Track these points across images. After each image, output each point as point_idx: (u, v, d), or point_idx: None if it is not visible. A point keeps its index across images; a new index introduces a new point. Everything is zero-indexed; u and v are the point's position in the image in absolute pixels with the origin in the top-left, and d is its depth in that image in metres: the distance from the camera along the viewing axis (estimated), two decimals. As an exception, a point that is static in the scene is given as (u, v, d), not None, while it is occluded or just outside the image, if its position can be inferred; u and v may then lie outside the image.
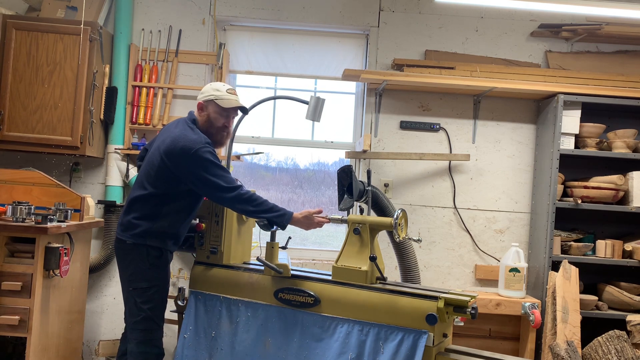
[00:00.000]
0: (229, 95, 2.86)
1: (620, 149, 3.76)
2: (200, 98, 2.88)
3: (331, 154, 4.47)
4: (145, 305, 2.77)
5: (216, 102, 2.84)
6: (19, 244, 3.00)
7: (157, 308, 2.81)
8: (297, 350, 2.69)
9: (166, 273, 2.87)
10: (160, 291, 2.82)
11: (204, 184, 2.69)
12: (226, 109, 2.86)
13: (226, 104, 2.85)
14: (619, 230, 3.98)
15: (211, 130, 2.85)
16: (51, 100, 3.66)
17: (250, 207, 2.70)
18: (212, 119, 2.85)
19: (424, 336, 2.45)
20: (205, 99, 2.85)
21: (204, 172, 2.67)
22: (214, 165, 2.68)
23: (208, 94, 2.85)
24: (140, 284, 2.77)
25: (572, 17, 3.99)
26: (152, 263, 2.77)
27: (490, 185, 4.06)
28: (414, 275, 3.71)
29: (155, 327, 2.81)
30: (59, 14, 3.88)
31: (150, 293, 2.77)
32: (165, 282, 2.87)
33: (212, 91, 2.86)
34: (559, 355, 3.33)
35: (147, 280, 2.77)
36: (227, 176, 2.71)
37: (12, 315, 2.92)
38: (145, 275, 2.77)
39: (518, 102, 4.07)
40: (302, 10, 4.08)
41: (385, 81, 3.79)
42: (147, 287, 2.77)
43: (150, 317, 2.78)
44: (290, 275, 2.80)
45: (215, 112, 2.85)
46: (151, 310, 2.77)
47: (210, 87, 2.89)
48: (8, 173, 3.32)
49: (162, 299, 2.84)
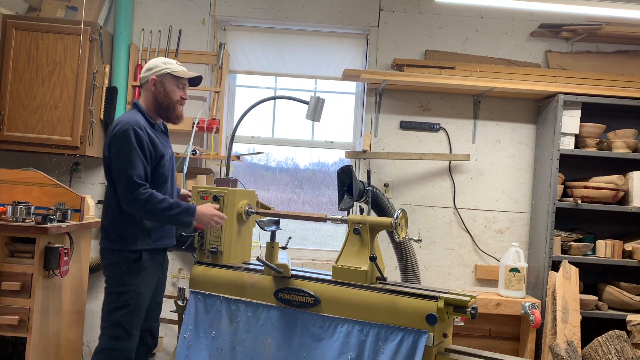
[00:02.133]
0: (180, 67, 2.77)
1: (620, 149, 3.76)
2: (152, 74, 2.72)
3: (331, 154, 4.48)
4: (119, 311, 2.63)
5: (173, 74, 2.73)
6: (19, 244, 3.00)
7: (131, 315, 2.65)
8: (297, 350, 2.69)
9: (147, 277, 2.71)
10: (137, 297, 2.66)
11: (119, 170, 2.56)
12: (182, 80, 2.76)
13: (183, 74, 2.75)
14: (619, 230, 3.98)
15: (168, 106, 2.74)
16: (51, 100, 3.66)
17: (148, 205, 2.53)
18: (169, 92, 2.73)
19: (424, 336, 2.45)
20: (159, 73, 2.72)
21: (120, 154, 2.55)
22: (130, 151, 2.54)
23: (160, 68, 2.72)
24: (116, 288, 2.65)
25: (572, 17, 3.99)
26: (129, 267, 2.64)
27: (490, 185, 4.06)
28: (414, 275, 3.71)
29: (124, 335, 2.64)
30: (59, 14, 3.88)
31: (123, 299, 2.63)
32: (145, 287, 2.71)
33: (163, 65, 2.73)
34: (559, 355, 3.33)
35: (124, 284, 2.64)
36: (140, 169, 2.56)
37: (12, 315, 2.92)
38: (121, 280, 2.64)
39: (518, 102, 4.07)
40: (302, 10, 4.08)
41: (385, 81, 3.79)
42: (123, 291, 2.64)
43: (121, 324, 2.62)
44: (290, 275, 2.80)
45: (172, 84, 2.73)
46: (124, 317, 2.63)
47: (157, 62, 2.75)
48: (8, 173, 3.32)
49: (137, 305, 2.67)
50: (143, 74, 2.75)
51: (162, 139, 2.78)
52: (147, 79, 2.73)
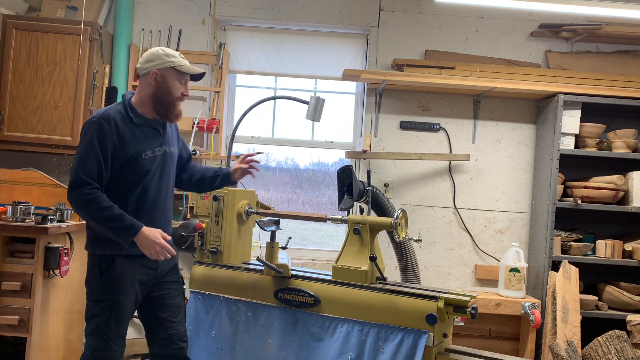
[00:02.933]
0: (184, 60, 2.52)
1: (620, 149, 3.76)
2: (152, 66, 2.46)
3: (331, 154, 4.48)
4: (93, 320, 2.44)
5: (176, 68, 2.48)
6: (19, 244, 3.00)
7: (105, 325, 2.42)
8: (297, 350, 2.69)
9: (125, 286, 2.45)
10: (111, 307, 2.42)
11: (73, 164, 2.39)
12: (185, 75, 2.52)
13: (187, 69, 2.51)
14: (619, 230, 3.98)
15: (168, 102, 2.49)
16: (51, 100, 3.66)
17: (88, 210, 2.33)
18: (170, 87, 2.48)
19: (424, 336, 2.45)
20: (161, 67, 2.46)
21: (79, 149, 2.38)
22: (88, 145, 2.35)
23: (163, 61, 2.46)
24: (90, 295, 2.46)
25: (572, 17, 3.99)
26: (101, 273, 2.43)
27: (490, 185, 4.06)
28: (414, 275, 3.70)
29: (101, 346, 2.43)
30: (59, 14, 3.88)
31: (98, 308, 2.43)
32: (122, 295, 2.44)
33: (166, 57, 2.47)
34: (559, 355, 3.33)
35: (95, 292, 2.44)
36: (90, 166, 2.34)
37: (12, 315, 2.92)
38: (93, 287, 2.45)
39: (518, 102, 4.07)
40: (302, 10, 4.08)
41: (385, 81, 3.79)
42: (95, 300, 2.44)
43: (97, 334, 2.43)
44: (290, 275, 2.80)
45: (174, 79, 2.48)
46: (98, 327, 2.42)
47: (160, 53, 2.48)
48: (8, 173, 3.32)
49: (113, 315, 2.43)
50: (142, 65, 2.50)
51: (144, 136, 2.48)
52: (147, 71, 2.47)
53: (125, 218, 2.35)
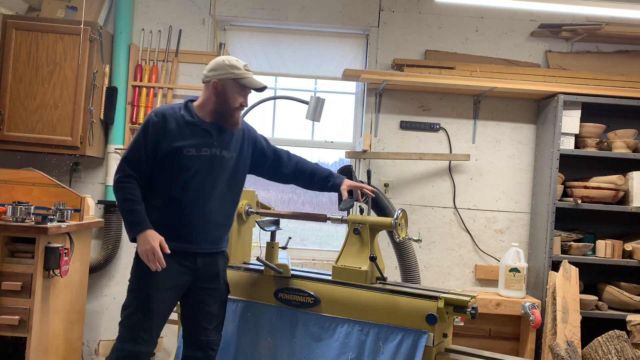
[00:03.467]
0: (248, 73, 2.56)
1: (620, 149, 3.76)
2: (215, 75, 2.53)
3: (331, 154, 4.48)
4: (124, 310, 2.49)
5: (237, 80, 2.53)
6: (19, 244, 3.00)
7: (133, 316, 2.45)
8: (297, 350, 2.69)
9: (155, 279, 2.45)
10: (140, 298, 2.46)
11: None
12: (245, 88, 2.57)
13: (248, 83, 2.55)
14: (619, 230, 3.98)
15: (226, 111, 2.55)
16: (51, 100, 3.66)
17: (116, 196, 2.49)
18: (228, 98, 2.53)
19: (424, 336, 2.45)
20: (222, 77, 2.52)
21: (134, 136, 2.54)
22: (137, 135, 2.50)
23: (225, 72, 2.52)
24: (129, 285, 2.53)
25: (572, 17, 3.99)
26: (138, 264, 2.49)
27: (490, 185, 4.06)
28: (414, 275, 3.71)
29: (129, 336, 2.45)
30: (59, 14, 3.87)
31: (130, 298, 2.49)
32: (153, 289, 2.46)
33: (229, 68, 2.53)
34: (559, 355, 3.33)
35: (131, 282, 2.51)
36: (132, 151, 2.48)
37: (12, 315, 2.92)
38: (131, 277, 2.53)
39: (518, 102, 4.07)
40: (302, 10, 4.08)
41: (385, 81, 3.79)
42: (129, 289, 2.51)
43: (125, 324, 2.47)
44: (290, 275, 2.80)
45: (233, 91, 2.54)
46: (127, 318, 2.47)
47: (224, 64, 2.54)
48: (8, 173, 3.32)
49: (141, 308, 2.45)
50: (206, 73, 2.57)
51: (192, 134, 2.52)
52: (209, 79, 2.54)
53: (138, 215, 2.42)
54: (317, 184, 2.82)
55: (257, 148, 2.78)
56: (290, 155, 2.87)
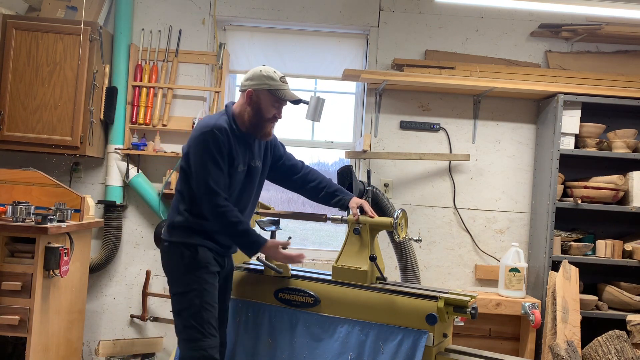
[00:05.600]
0: (283, 85, 2.58)
1: (620, 149, 3.76)
2: (249, 85, 2.57)
3: (331, 154, 4.47)
4: (184, 313, 2.49)
5: (271, 92, 2.56)
6: (19, 244, 3.00)
7: (198, 316, 2.47)
8: (297, 350, 2.69)
9: (208, 273, 2.53)
10: (200, 295, 2.49)
11: (195, 174, 2.47)
12: (280, 100, 2.60)
13: (283, 95, 2.58)
14: (619, 230, 3.98)
15: (258, 121, 2.58)
16: (51, 100, 3.66)
17: (219, 222, 2.47)
18: (262, 109, 2.56)
19: (424, 336, 2.45)
20: (257, 88, 2.55)
21: (199, 160, 2.45)
22: (210, 156, 2.44)
23: (261, 83, 2.55)
24: (176, 288, 2.53)
25: (572, 17, 3.99)
26: (188, 262, 2.51)
27: (490, 185, 4.06)
28: (414, 275, 3.71)
29: (198, 335, 2.46)
30: (59, 14, 3.88)
31: (187, 299, 2.48)
32: (208, 284, 2.52)
33: (265, 79, 2.55)
34: (559, 355, 3.33)
35: (182, 283, 2.51)
36: (216, 174, 2.45)
37: (12, 315, 2.92)
38: (179, 279, 2.52)
39: (518, 102, 4.07)
40: (302, 10, 4.08)
41: (385, 81, 3.79)
42: (182, 292, 2.50)
43: (193, 326, 2.47)
44: (290, 275, 2.80)
45: (268, 102, 2.57)
46: (192, 318, 2.47)
47: (261, 74, 2.56)
48: (8, 173, 3.32)
49: (204, 305, 2.49)
50: (244, 81, 2.60)
51: (241, 149, 2.59)
52: (245, 89, 2.58)
53: (251, 233, 2.49)
54: (323, 196, 2.83)
55: (275, 155, 2.84)
56: (304, 165, 2.91)
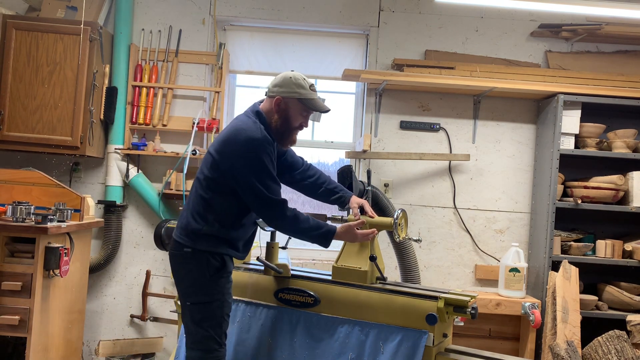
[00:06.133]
0: (312, 94, 2.53)
1: (620, 149, 3.76)
2: (278, 92, 2.50)
3: (331, 154, 4.47)
4: (204, 323, 2.45)
5: (301, 101, 2.50)
6: (19, 244, 3.00)
7: (218, 327, 2.48)
8: (298, 350, 2.69)
9: (227, 283, 2.52)
10: (223, 307, 2.48)
11: (248, 189, 2.40)
12: (308, 110, 2.54)
13: (314, 105, 2.52)
14: (619, 230, 3.98)
15: (285, 130, 2.53)
16: (51, 100, 3.66)
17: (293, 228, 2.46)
18: (290, 117, 2.51)
19: (424, 336, 2.45)
20: (287, 95, 2.49)
21: (252, 175, 2.38)
22: (265, 170, 2.40)
23: (290, 90, 2.49)
24: (196, 297, 2.46)
25: (572, 17, 3.99)
26: (212, 273, 2.45)
27: (490, 185, 4.06)
28: (414, 275, 3.71)
29: (216, 346, 2.47)
30: (59, 14, 3.88)
31: (209, 310, 2.45)
32: (229, 295, 2.53)
33: (295, 87, 2.49)
34: (559, 355, 3.33)
35: (206, 293, 2.45)
36: (274, 186, 2.42)
37: (12, 315, 2.92)
38: (202, 288, 2.46)
39: (518, 102, 4.07)
40: (302, 10, 4.08)
41: (385, 81, 3.79)
42: (205, 302, 2.45)
43: (212, 336, 2.46)
44: (290, 275, 2.80)
45: (297, 111, 2.51)
46: (212, 329, 2.46)
47: (290, 81, 2.50)
48: (8, 173, 3.32)
49: (224, 316, 2.50)
50: (272, 87, 2.54)
51: None
52: (274, 95, 2.52)
53: (320, 224, 2.50)
54: (322, 192, 2.79)
55: (280, 150, 2.75)
56: (304, 161, 2.86)
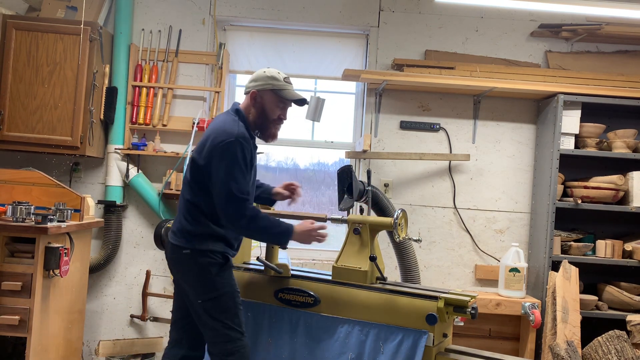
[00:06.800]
0: (287, 85, 2.61)
1: (620, 149, 3.76)
2: (253, 87, 2.60)
3: (331, 154, 4.47)
4: (226, 313, 2.52)
5: (275, 92, 2.58)
6: (19, 244, 3.00)
7: (235, 318, 2.55)
8: (297, 350, 2.69)
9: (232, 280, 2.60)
10: (234, 297, 2.56)
11: (218, 181, 2.44)
12: (284, 100, 2.61)
13: (286, 95, 2.59)
14: (619, 230, 3.98)
15: (262, 122, 2.60)
16: (51, 100, 3.66)
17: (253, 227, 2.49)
18: (267, 110, 2.59)
19: (424, 336, 2.45)
20: (261, 88, 2.58)
21: (223, 168, 2.42)
22: (237, 164, 2.43)
23: (264, 82, 2.59)
24: (206, 296, 2.52)
25: (572, 17, 3.99)
26: (218, 270, 2.52)
27: (490, 185, 4.06)
28: (414, 275, 3.71)
29: (239, 335, 2.54)
30: (59, 14, 3.88)
31: (221, 304, 2.52)
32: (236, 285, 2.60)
33: (268, 79, 2.59)
34: (559, 355, 3.33)
35: (214, 289, 2.52)
36: (242, 181, 2.45)
37: (12, 315, 2.92)
38: (209, 285, 2.51)
39: (518, 102, 4.07)
40: (302, 10, 4.08)
41: (385, 81, 3.78)
42: (215, 297, 2.51)
43: (232, 327, 2.52)
44: (290, 275, 2.80)
45: (272, 102, 2.59)
46: (230, 320, 2.53)
47: (264, 75, 2.61)
48: (8, 173, 3.32)
49: (238, 306, 2.57)
50: (247, 83, 2.63)
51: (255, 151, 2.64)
52: (249, 90, 2.61)
53: (279, 223, 2.54)
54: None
55: None
56: None
